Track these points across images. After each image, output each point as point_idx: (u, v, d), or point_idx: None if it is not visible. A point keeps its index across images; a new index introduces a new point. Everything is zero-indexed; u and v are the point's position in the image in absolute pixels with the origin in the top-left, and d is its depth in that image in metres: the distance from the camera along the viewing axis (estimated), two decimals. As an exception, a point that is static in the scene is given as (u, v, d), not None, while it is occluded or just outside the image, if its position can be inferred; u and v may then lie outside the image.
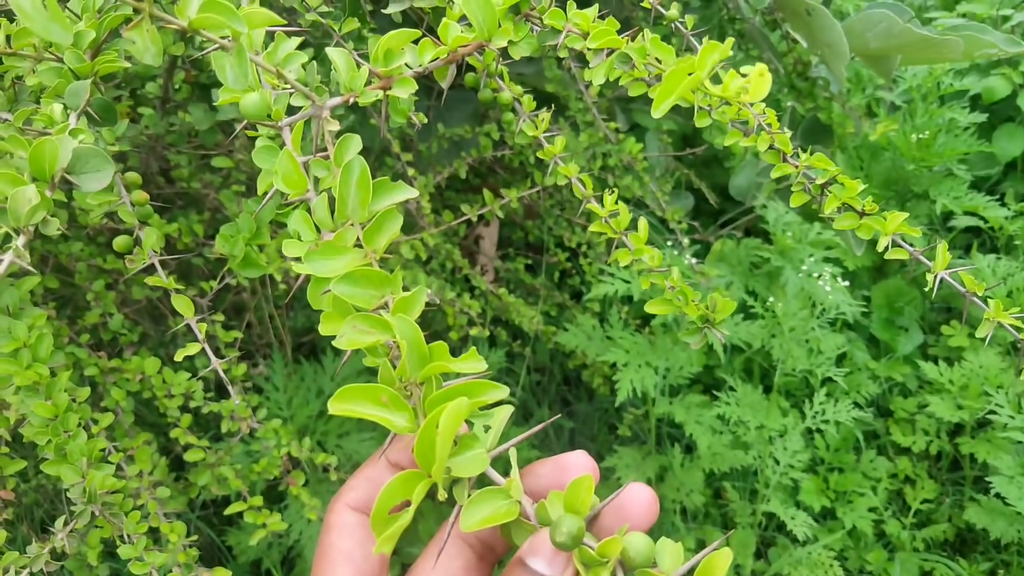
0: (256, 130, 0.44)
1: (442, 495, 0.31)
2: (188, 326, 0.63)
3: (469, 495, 0.32)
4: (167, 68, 0.87)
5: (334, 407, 0.32)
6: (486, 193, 1.09)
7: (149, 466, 0.77)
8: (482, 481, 0.33)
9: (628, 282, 1.23)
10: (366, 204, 0.36)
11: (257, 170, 0.42)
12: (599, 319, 1.33)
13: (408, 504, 0.31)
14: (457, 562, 0.36)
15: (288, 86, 0.40)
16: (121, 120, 0.48)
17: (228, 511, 0.81)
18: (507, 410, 0.35)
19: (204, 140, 0.89)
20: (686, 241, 1.24)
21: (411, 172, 1.07)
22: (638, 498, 0.34)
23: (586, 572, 0.31)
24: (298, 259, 0.36)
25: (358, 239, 0.36)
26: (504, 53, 0.63)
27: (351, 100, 0.42)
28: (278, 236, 0.85)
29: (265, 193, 0.42)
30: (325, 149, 0.39)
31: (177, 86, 0.89)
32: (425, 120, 0.54)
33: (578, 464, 0.35)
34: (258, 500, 0.82)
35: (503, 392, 0.33)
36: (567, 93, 1.15)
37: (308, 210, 0.38)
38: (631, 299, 1.36)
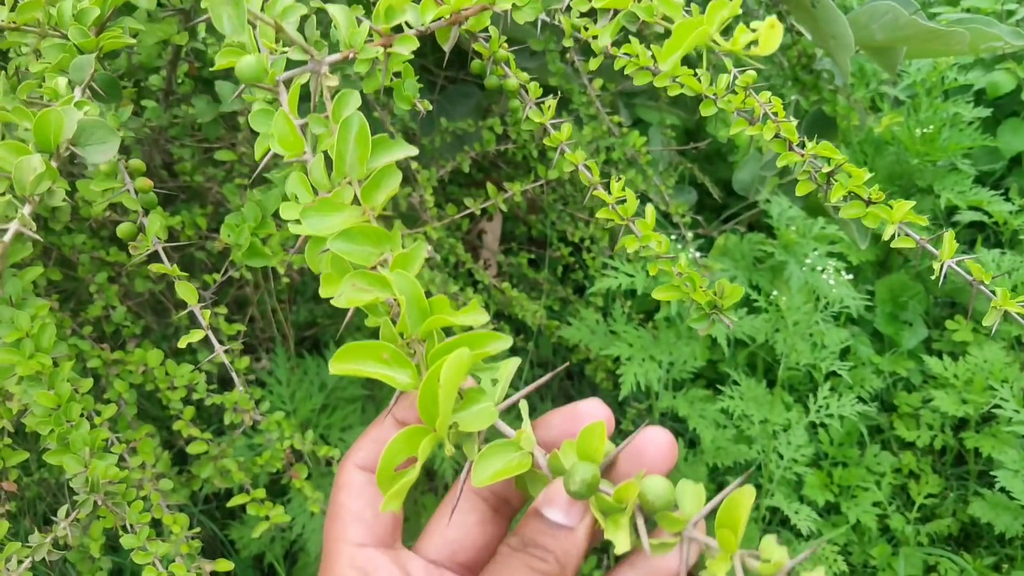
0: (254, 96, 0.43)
1: (448, 450, 0.30)
2: (191, 316, 0.63)
3: (479, 450, 0.31)
4: (170, 60, 0.87)
5: (335, 367, 0.31)
6: (489, 186, 1.09)
7: (152, 458, 0.77)
8: (492, 437, 0.32)
9: (632, 276, 1.23)
10: (364, 160, 0.35)
11: (260, 164, 0.42)
12: (602, 313, 1.33)
13: (415, 461, 0.30)
14: (471, 517, 0.36)
15: (286, 46, 0.40)
16: (125, 106, 0.48)
17: (231, 503, 0.81)
18: (514, 363, 0.34)
19: (207, 133, 0.89)
20: (690, 235, 1.24)
21: (414, 166, 1.07)
22: (655, 441, 0.33)
23: (605, 520, 0.30)
24: (297, 221, 0.35)
25: (356, 197, 0.35)
26: (509, 41, 0.62)
27: (351, 56, 0.41)
28: (282, 229, 0.85)
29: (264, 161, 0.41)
30: (323, 109, 0.38)
31: (180, 80, 0.89)
32: (429, 107, 0.54)
33: (592, 412, 0.34)
34: (261, 492, 0.82)
35: (507, 342, 0.32)
36: (570, 87, 1.15)
37: (305, 172, 0.37)
38: (634, 293, 1.36)
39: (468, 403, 0.31)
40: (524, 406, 0.33)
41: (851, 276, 1.34)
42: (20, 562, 0.57)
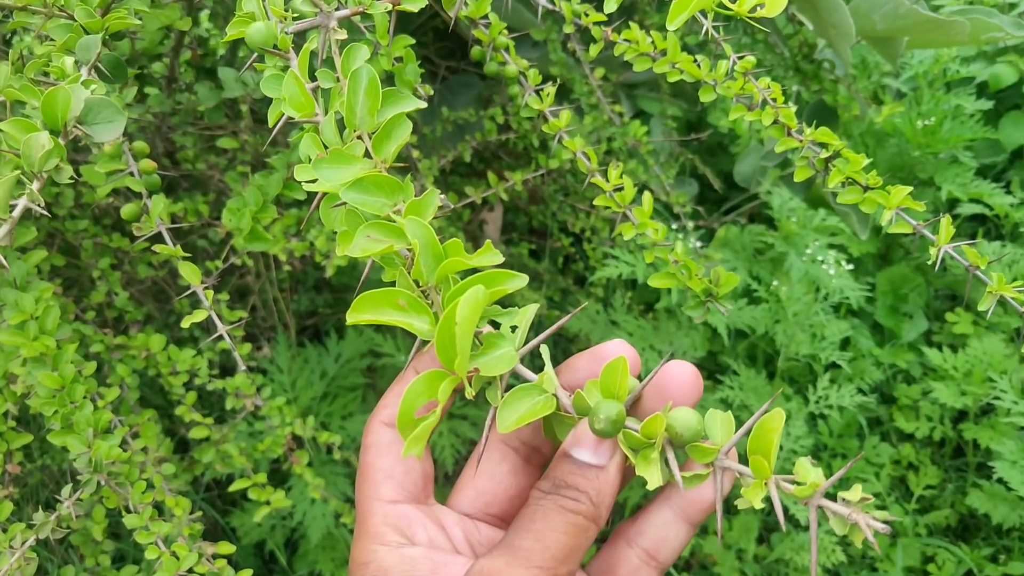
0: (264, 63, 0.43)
1: (469, 393, 0.30)
2: (193, 303, 0.63)
3: (502, 396, 0.31)
4: (173, 47, 0.87)
5: (352, 317, 0.30)
6: (490, 176, 1.09)
7: (154, 443, 0.77)
8: (515, 386, 0.32)
9: (632, 265, 1.24)
10: (375, 112, 0.35)
11: (262, 152, 0.42)
12: (603, 304, 1.34)
13: (435, 405, 0.30)
14: (502, 467, 0.35)
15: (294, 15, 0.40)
16: (129, 88, 0.49)
17: (232, 488, 0.82)
18: (533, 308, 0.33)
19: (209, 118, 0.90)
20: (690, 226, 1.24)
21: (416, 155, 1.07)
22: (679, 375, 0.32)
23: (635, 456, 0.30)
24: (312, 182, 0.34)
25: (367, 151, 0.35)
26: (509, 29, 0.63)
27: (360, 12, 0.41)
28: (284, 216, 0.85)
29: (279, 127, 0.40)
30: (333, 67, 0.38)
31: (183, 67, 0.89)
32: (431, 92, 0.54)
33: (616, 351, 0.33)
34: (262, 477, 0.82)
35: (522, 280, 0.32)
36: (571, 76, 1.15)
37: (317, 132, 0.37)
38: (635, 283, 1.36)
39: (488, 348, 0.31)
40: (545, 349, 0.32)
41: (852, 267, 1.34)
42: (24, 541, 0.58)
